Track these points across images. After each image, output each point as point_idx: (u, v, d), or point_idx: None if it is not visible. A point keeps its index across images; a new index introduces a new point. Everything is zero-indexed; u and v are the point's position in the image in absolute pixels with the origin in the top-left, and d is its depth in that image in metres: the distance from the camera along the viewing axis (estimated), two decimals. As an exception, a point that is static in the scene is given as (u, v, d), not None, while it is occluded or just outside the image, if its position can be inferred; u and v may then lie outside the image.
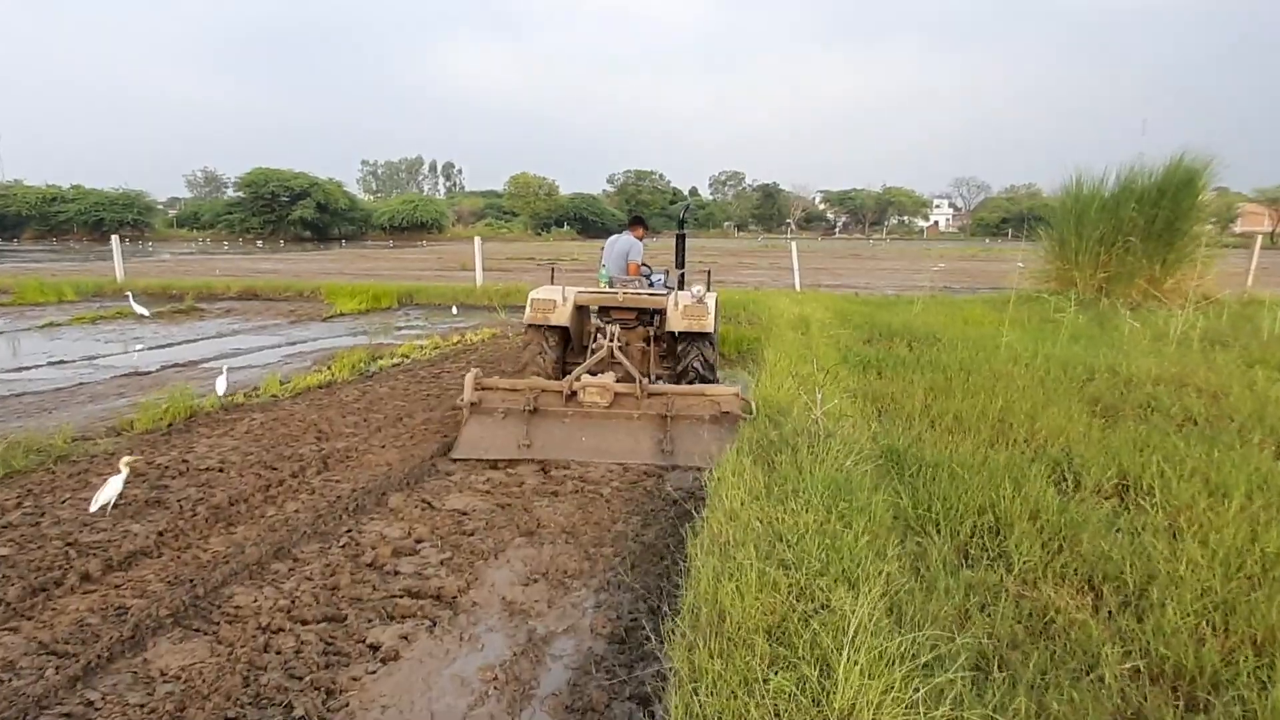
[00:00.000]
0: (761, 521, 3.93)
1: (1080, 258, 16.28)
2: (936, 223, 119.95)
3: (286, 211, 78.41)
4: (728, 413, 6.20)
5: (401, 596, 3.75)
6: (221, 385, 7.82)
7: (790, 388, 7.10)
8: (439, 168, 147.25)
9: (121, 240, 22.18)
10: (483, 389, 6.37)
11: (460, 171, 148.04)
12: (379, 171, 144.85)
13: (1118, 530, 4.18)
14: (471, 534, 4.53)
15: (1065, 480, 5.08)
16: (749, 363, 10.29)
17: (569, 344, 7.60)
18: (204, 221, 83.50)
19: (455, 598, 3.76)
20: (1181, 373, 8.38)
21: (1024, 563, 3.77)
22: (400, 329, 14.33)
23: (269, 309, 16.95)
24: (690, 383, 7.00)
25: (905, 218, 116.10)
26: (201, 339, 12.69)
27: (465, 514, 4.88)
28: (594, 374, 6.60)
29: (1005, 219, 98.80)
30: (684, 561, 3.90)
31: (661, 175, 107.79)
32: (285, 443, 6.40)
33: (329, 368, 9.42)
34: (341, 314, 16.01)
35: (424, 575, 3.98)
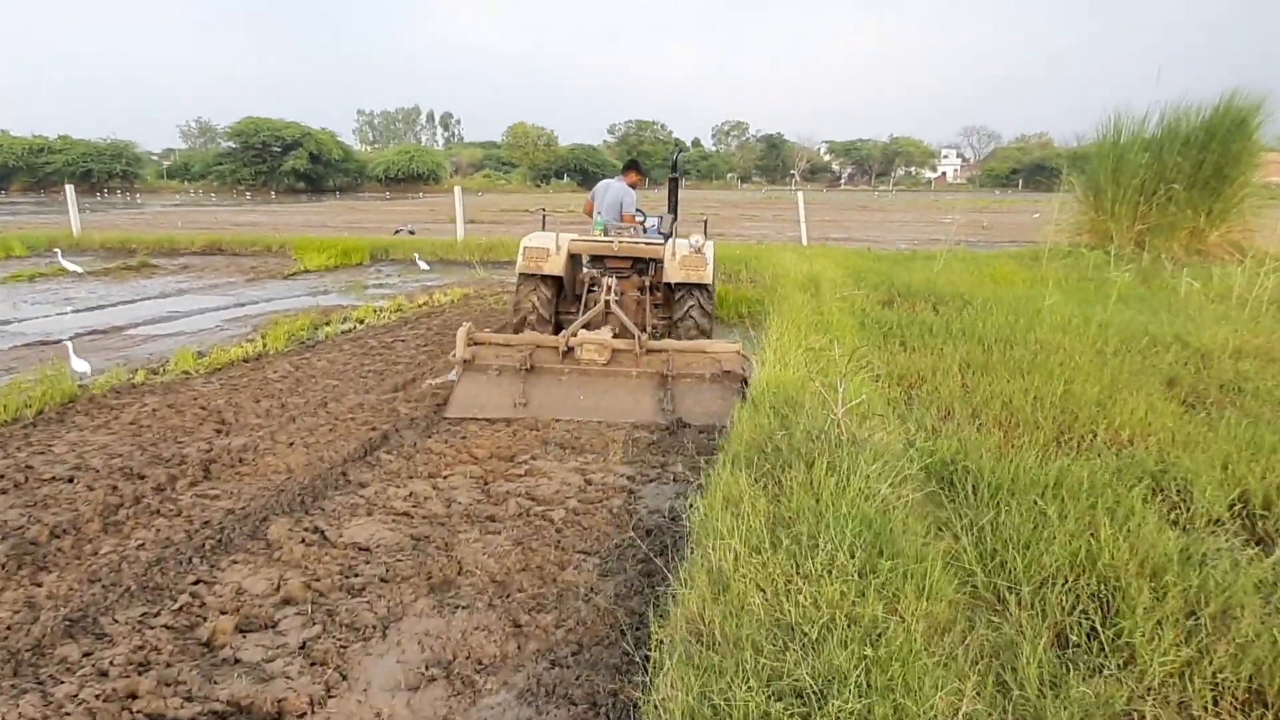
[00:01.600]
0: (764, 595, 2.66)
1: (1117, 208, 14.80)
2: (944, 174, 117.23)
3: (278, 163, 76.39)
4: (729, 371, 5.92)
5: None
6: (80, 365, 6.50)
7: (800, 366, 5.78)
8: (437, 118, 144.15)
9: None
10: (476, 344, 6.06)
11: (459, 122, 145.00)
12: (375, 122, 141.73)
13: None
14: (361, 591, 3.26)
15: (1175, 505, 3.80)
16: (751, 330, 8.95)
17: (562, 293, 7.30)
18: (195, 173, 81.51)
19: None
20: (1267, 344, 7.04)
21: (1159, 664, 2.50)
22: (367, 288, 12.99)
23: (230, 265, 15.59)
24: (687, 336, 6.76)
25: (912, 169, 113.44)
26: (141, 300, 11.36)
27: (365, 551, 3.62)
28: (590, 329, 6.33)
29: (1015, 169, 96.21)
30: (649, 649, 2.65)
31: (663, 126, 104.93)
32: (172, 438, 5.13)
33: (263, 337, 8.11)
34: (306, 271, 14.65)
35: (267, 673, 2.72)
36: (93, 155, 75.19)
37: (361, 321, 9.48)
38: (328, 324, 9.13)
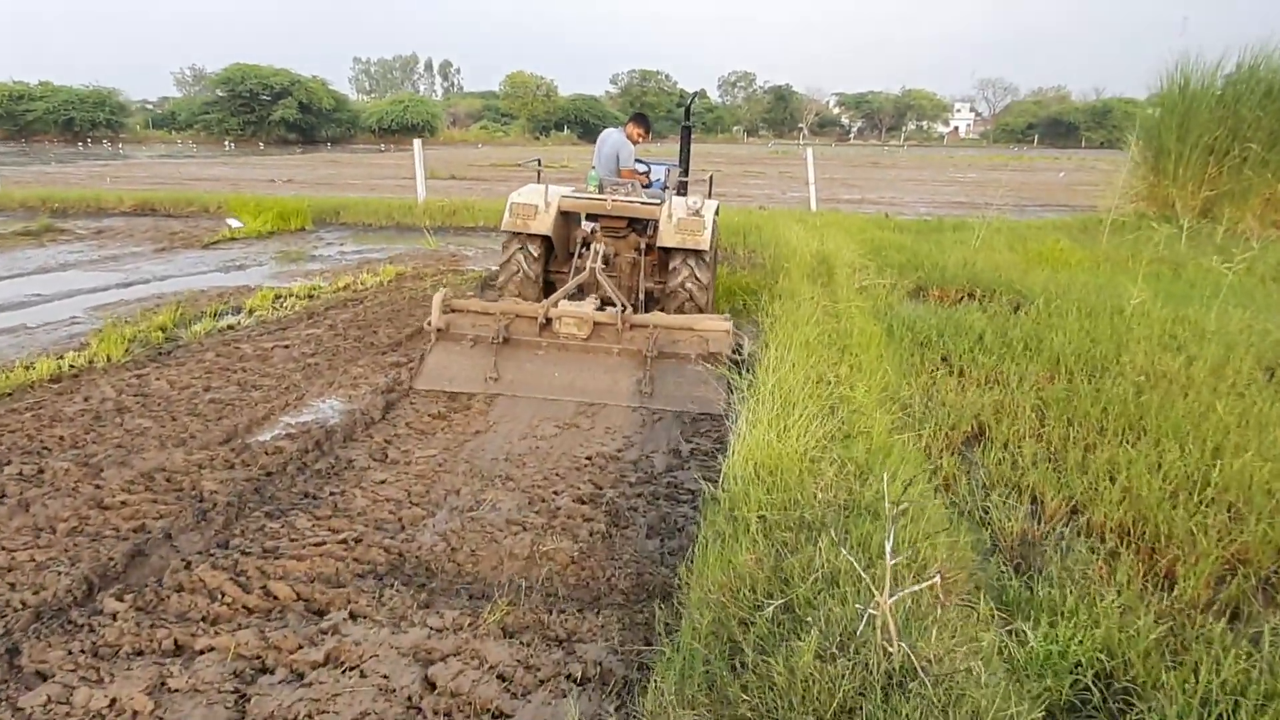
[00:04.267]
0: None
1: (1181, 170, 12.65)
2: (957, 128, 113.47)
3: (267, 112, 73.51)
4: (716, 353, 5.46)
5: None
6: None
7: (807, 421, 3.81)
8: (435, 67, 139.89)
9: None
10: (452, 311, 5.72)
11: (459, 71, 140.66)
12: (372, 70, 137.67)
13: None
14: None
15: None
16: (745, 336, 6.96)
17: (553, 253, 6.74)
18: (181, 122, 78.67)
19: None
20: None
21: None
22: (295, 261, 10.97)
23: (152, 230, 13.52)
24: (679, 308, 6.28)
25: (924, 123, 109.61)
26: (8, 277, 9.38)
27: None
28: (576, 297, 5.95)
29: (1032, 124, 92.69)
30: None
31: (668, 76, 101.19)
32: None
33: (100, 342, 6.14)
34: (233, 239, 12.59)
35: None
36: (74, 103, 72.26)
37: (253, 313, 7.50)
38: (202, 317, 7.15)
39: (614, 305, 5.69)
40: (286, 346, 6.34)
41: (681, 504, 3.84)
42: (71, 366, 5.65)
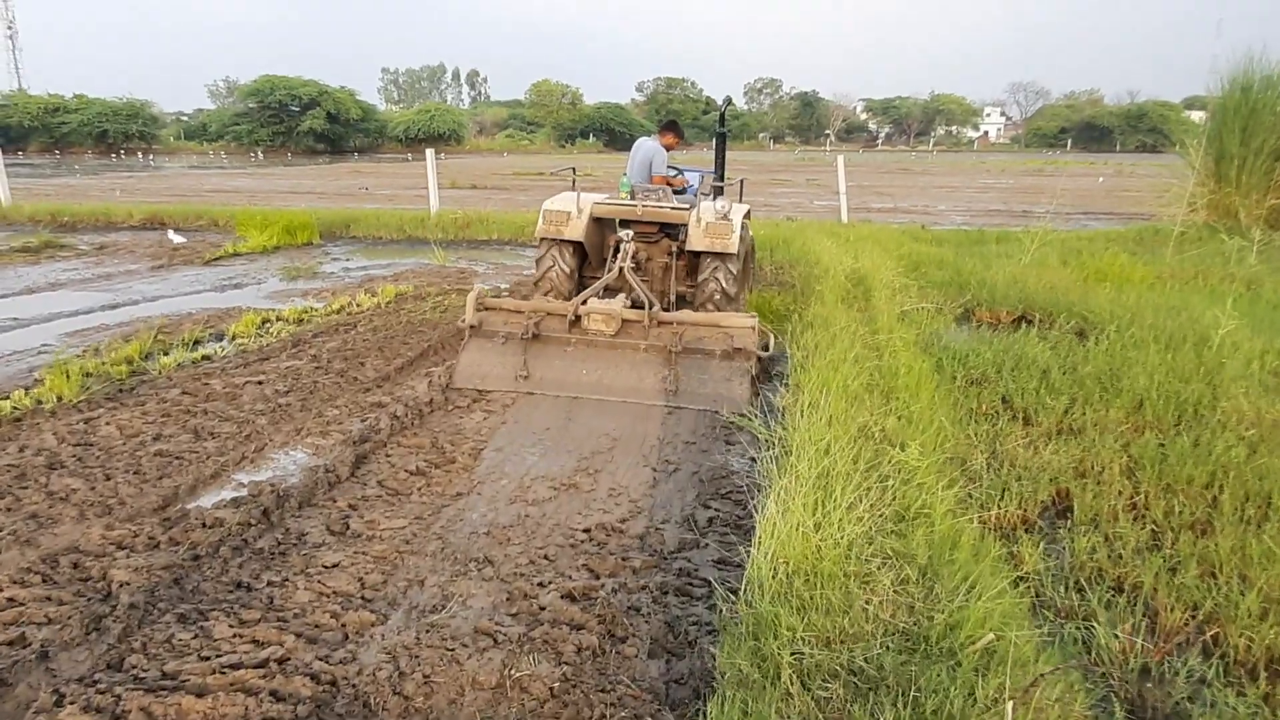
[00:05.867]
0: None
1: (1245, 178, 11.68)
2: (987, 133, 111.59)
3: (296, 122, 74.10)
4: (741, 349, 5.46)
5: None
6: None
7: (851, 500, 3.06)
8: (463, 76, 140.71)
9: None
10: (485, 309, 5.88)
11: (485, 80, 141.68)
12: (400, 80, 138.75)
13: None
14: None
15: None
16: (772, 381, 6.21)
17: (587, 259, 6.86)
18: (212, 133, 79.45)
19: None
20: None
21: None
22: (296, 279, 10.38)
23: (155, 245, 13.04)
24: (709, 308, 6.23)
25: (954, 128, 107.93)
26: (-5, 298, 8.88)
27: None
28: (606, 296, 6.08)
29: (1064, 128, 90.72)
30: None
31: (694, 83, 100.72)
32: None
33: (53, 377, 5.52)
34: (237, 254, 12.06)
35: None
36: (108, 115, 73.32)
37: (234, 340, 6.89)
38: (177, 346, 6.55)
39: (643, 305, 5.73)
40: (260, 383, 5.68)
41: (695, 602, 3.09)
42: (15, 409, 5.03)
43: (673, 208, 6.46)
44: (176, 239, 12.90)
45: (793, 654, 2.22)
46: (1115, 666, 2.54)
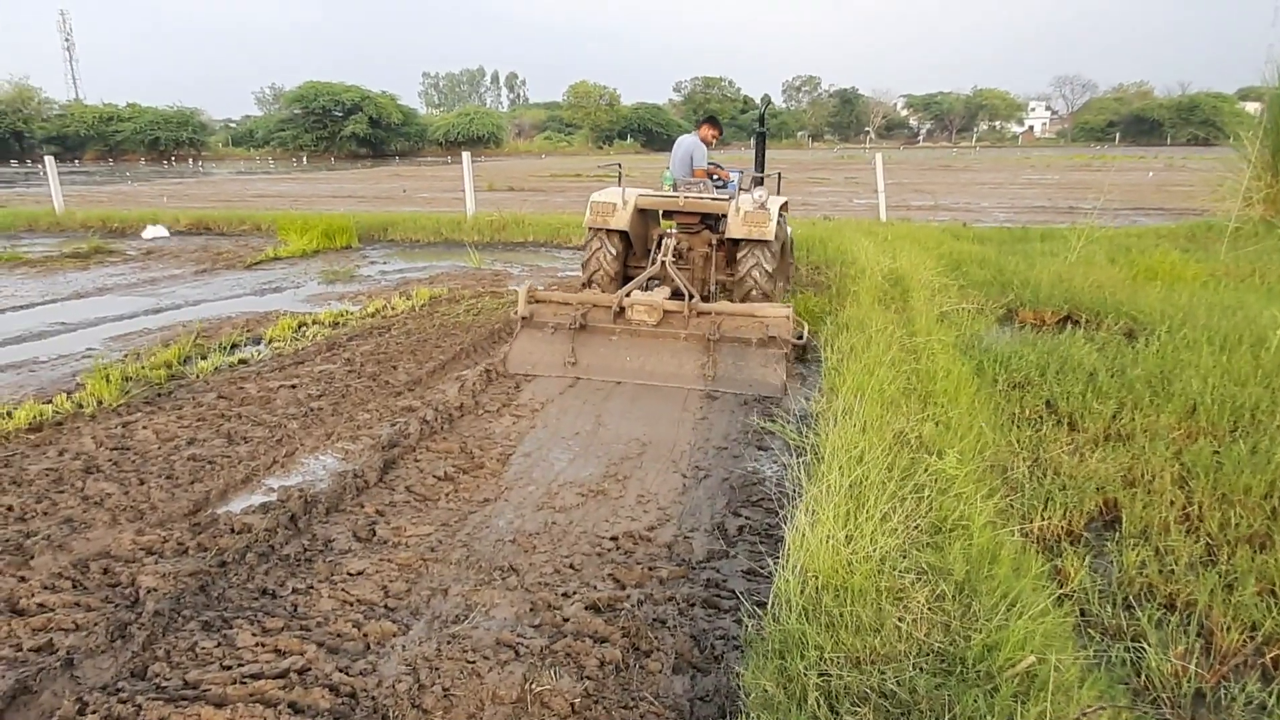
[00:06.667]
0: None
1: (1304, 171, 11.22)
2: (1031, 128, 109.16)
3: (339, 127, 75.50)
4: (775, 338, 5.69)
5: None
6: None
7: (885, 510, 2.95)
8: (501, 79, 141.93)
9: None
10: (536, 301, 6.23)
11: (524, 83, 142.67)
12: (440, 84, 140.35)
13: None
14: None
15: None
16: (805, 377, 6.10)
17: (632, 249, 7.26)
18: (258, 140, 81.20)
19: None
20: None
21: None
22: (335, 283, 10.50)
23: (200, 250, 13.31)
24: (746, 296, 6.65)
25: (997, 123, 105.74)
26: (44, 303, 9.10)
27: None
28: (650, 287, 6.53)
29: (1113, 122, 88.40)
30: None
31: (731, 82, 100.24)
32: None
33: (86, 384, 5.62)
34: (277, 258, 12.24)
35: None
36: (159, 123, 75.40)
37: (270, 344, 6.96)
38: (214, 350, 6.63)
39: (684, 296, 6.02)
40: (293, 386, 5.73)
41: (723, 615, 3.01)
42: (56, 413, 5.13)
43: (713, 199, 6.77)
44: (154, 233, 13.01)
45: (820, 675, 2.13)
46: (1166, 691, 2.40)
